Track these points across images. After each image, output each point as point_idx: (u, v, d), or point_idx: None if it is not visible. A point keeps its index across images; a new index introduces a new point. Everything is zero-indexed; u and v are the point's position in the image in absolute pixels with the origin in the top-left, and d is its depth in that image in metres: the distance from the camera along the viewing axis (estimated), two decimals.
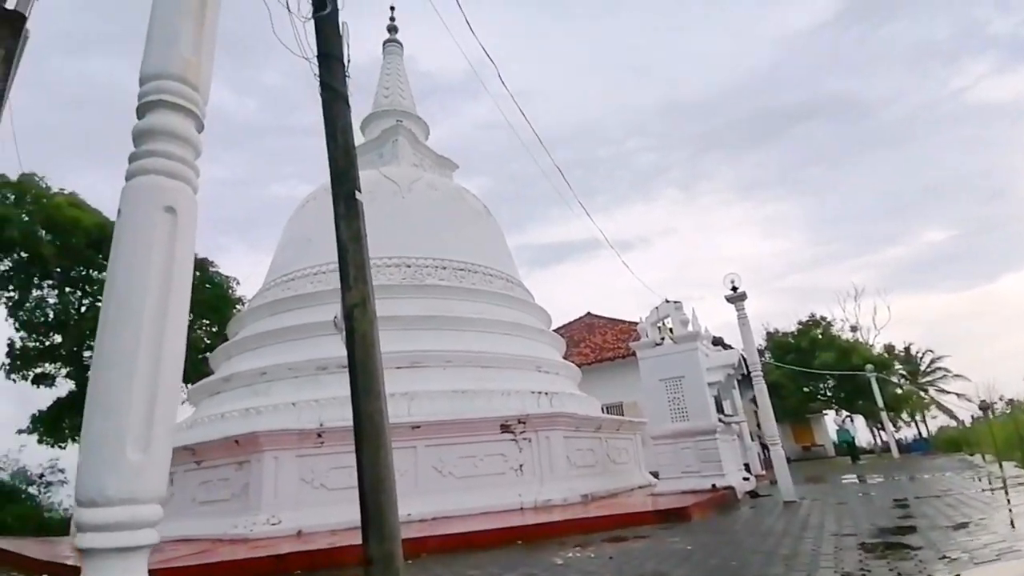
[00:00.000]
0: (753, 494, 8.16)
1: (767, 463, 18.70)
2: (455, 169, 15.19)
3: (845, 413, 18.32)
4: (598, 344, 22.40)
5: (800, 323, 26.23)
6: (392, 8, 17.16)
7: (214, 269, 18.41)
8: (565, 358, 21.65)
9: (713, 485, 7.85)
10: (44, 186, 15.13)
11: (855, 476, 11.96)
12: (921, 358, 29.02)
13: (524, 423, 8.05)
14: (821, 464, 20.39)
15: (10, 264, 14.39)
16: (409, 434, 7.47)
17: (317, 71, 2.98)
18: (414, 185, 11.64)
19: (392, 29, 16.71)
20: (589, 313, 26.64)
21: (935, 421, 28.79)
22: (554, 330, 27.44)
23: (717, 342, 11.96)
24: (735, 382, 9.63)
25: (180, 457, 7.75)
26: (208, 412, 8.98)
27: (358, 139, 14.53)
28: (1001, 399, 31.45)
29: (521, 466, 7.91)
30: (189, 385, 14.07)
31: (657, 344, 9.10)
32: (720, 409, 9.26)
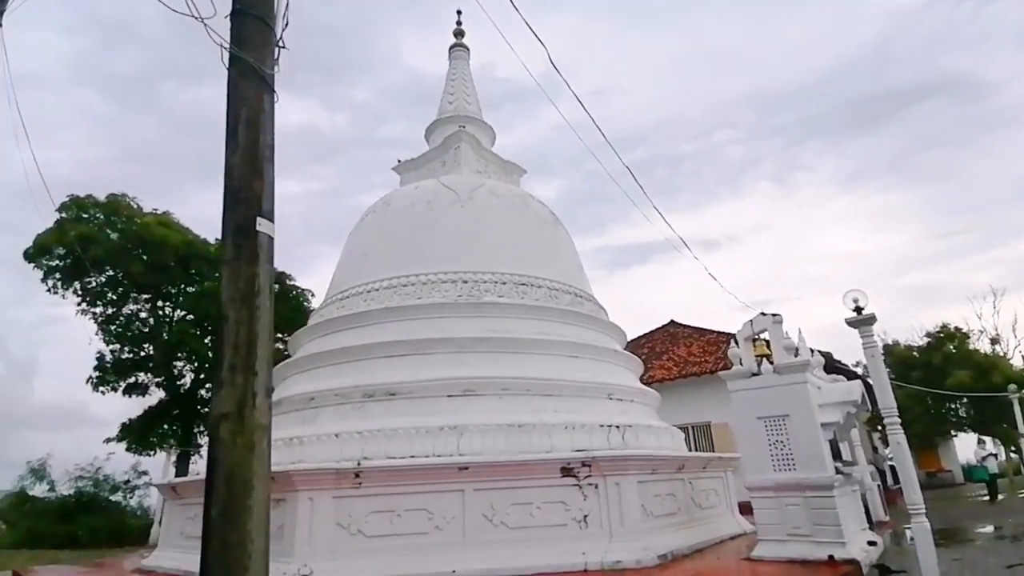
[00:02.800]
0: (884, 569, 6.45)
1: (888, 498, 15.95)
2: (522, 175, 14.27)
3: (988, 449, 15.18)
4: (683, 357, 20.56)
5: (929, 335, 22.58)
6: (459, 12, 16.61)
7: (291, 282, 18.75)
8: (646, 372, 20.09)
9: (831, 557, 6.24)
10: (136, 206, 16.00)
11: (994, 527, 9.61)
12: None
13: (589, 466, 6.89)
14: (950, 499, 17.24)
15: (103, 280, 15.30)
16: (456, 476, 6.58)
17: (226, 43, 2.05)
18: (474, 193, 10.82)
19: (458, 33, 16.13)
20: (672, 321, 24.75)
21: None
22: (634, 340, 25.85)
23: (830, 367, 10.08)
24: (855, 420, 7.85)
25: None
26: None
27: (421, 148, 14.05)
28: None
29: (586, 517, 6.75)
30: None
31: (754, 374, 7.57)
32: (837, 454, 7.55)
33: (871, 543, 7.26)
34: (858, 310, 6.22)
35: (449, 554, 6.28)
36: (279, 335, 17.72)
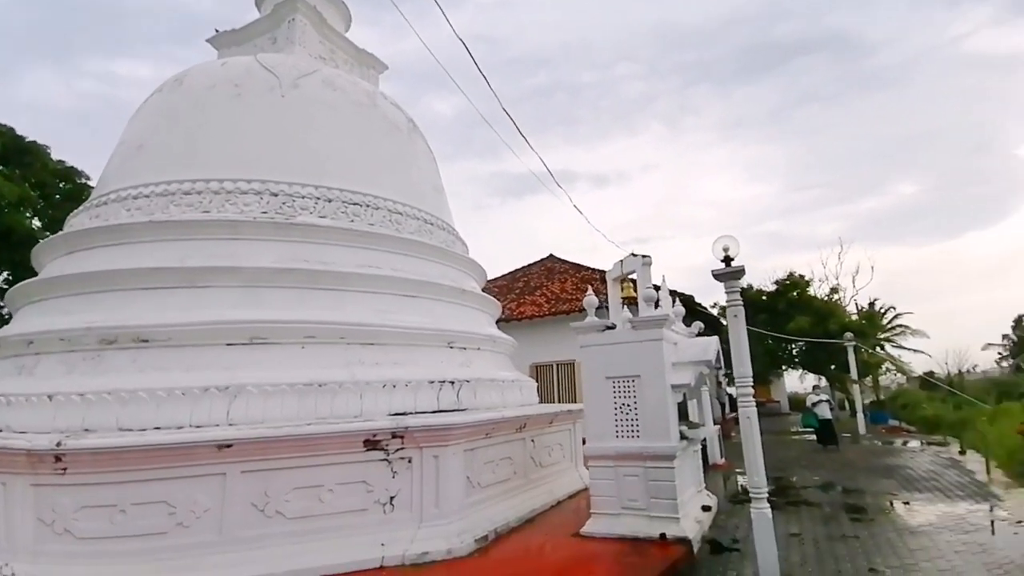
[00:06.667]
0: (714, 546, 5.98)
1: (724, 430, 16.90)
2: (381, 71, 11.82)
3: (822, 393, 16.46)
4: (555, 293, 19.96)
5: (777, 283, 24.21)
6: None
7: (82, 181, 14.97)
8: (517, 308, 19.30)
9: (662, 535, 5.61)
10: None
11: (832, 482, 10.13)
12: (884, 314, 27.61)
13: (402, 437, 5.55)
14: (780, 434, 18.90)
15: None
16: (215, 456, 4.90)
17: None
18: (302, 81, 8.42)
19: None
20: (551, 256, 24.08)
21: (883, 377, 27.91)
22: (511, 273, 24.84)
23: (690, 310, 9.55)
24: (707, 379, 7.26)
25: None
26: None
27: (252, 14, 11.00)
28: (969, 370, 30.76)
29: (392, 499, 5.48)
30: None
31: (608, 328, 6.58)
32: (684, 415, 6.95)
33: (705, 508, 6.87)
34: (727, 260, 5.25)
35: (197, 559, 4.71)
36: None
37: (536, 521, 6.75)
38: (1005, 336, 40.24)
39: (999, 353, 39.53)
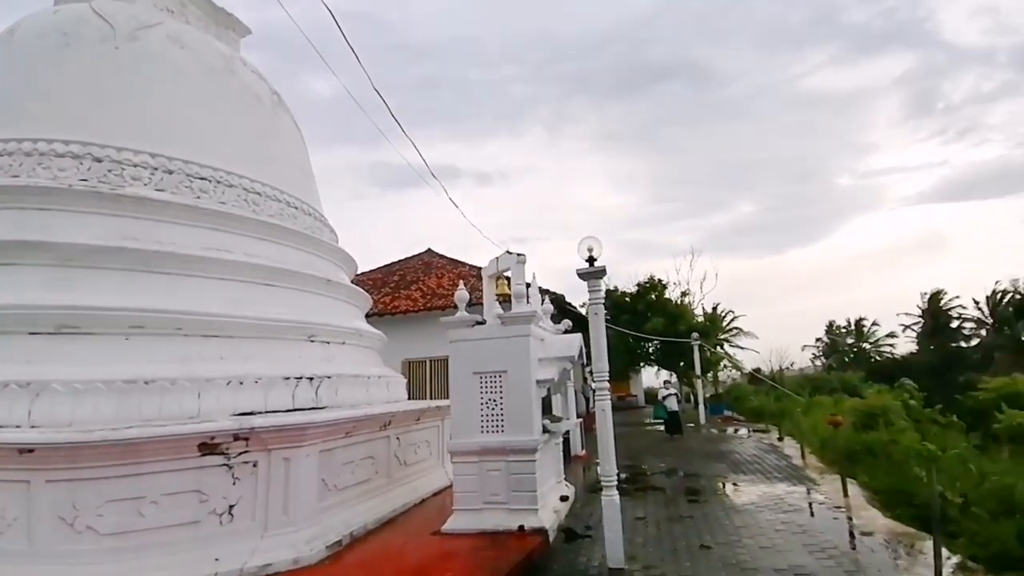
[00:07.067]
0: (570, 533, 6.24)
1: (587, 423, 17.94)
2: (243, 35, 10.70)
3: (671, 388, 18.18)
4: (432, 288, 19.69)
5: (639, 285, 26.30)
6: None
7: None
8: (391, 303, 18.73)
9: (521, 527, 5.73)
10: None
11: (670, 468, 11.14)
12: (724, 317, 31.18)
13: (247, 439, 5.05)
14: (635, 426, 20.43)
15: None
16: (16, 461, 4.09)
17: None
18: (143, 33, 7.33)
19: None
20: (430, 250, 23.72)
21: (721, 373, 31.65)
22: (387, 266, 24.04)
23: (560, 308, 9.92)
24: (571, 374, 7.58)
25: None
26: None
27: None
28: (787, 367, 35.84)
29: (231, 508, 4.96)
30: None
31: (478, 323, 6.58)
32: (548, 409, 7.18)
33: (563, 498, 7.17)
34: (591, 260, 5.50)
35: (14, 568, 4.08)
36: None
37: (398, 521, 6.56)
38: (818, 339, 47.47)
39: (813, 353, 46.68)
